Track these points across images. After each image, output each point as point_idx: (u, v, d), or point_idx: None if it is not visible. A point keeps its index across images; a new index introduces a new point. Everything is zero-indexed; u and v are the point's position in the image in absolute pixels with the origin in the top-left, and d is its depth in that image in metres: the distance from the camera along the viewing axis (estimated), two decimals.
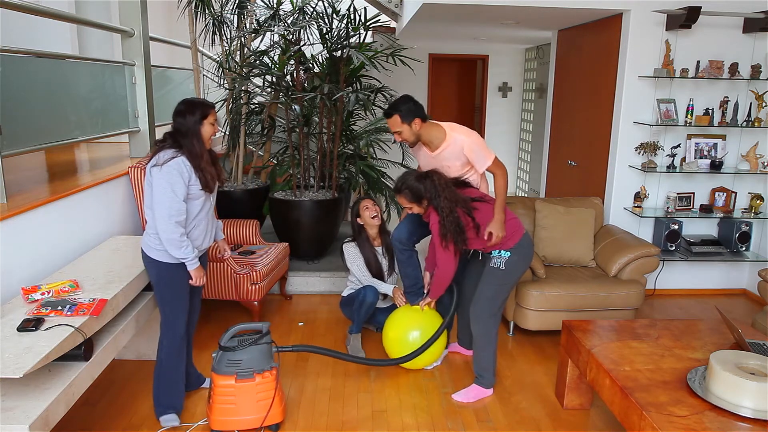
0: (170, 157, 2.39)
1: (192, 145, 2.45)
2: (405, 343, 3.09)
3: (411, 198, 2.82)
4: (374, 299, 3.38)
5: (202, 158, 2.47)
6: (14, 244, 2.47)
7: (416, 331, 3.09)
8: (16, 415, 1.83)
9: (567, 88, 5.36)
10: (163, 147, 2.46)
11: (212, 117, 2.53)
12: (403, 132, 2.90)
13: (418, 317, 3.13)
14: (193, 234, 2.53)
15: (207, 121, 2.50)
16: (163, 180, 2.37)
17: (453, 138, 2.91)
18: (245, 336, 2.63)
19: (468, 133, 2.94)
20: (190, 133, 2.45)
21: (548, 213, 3.91)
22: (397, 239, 3.23)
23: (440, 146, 2.93)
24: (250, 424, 2.54)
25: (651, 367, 2.35)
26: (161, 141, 2.50)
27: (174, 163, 2.38)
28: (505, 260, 2.84)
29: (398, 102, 2.91)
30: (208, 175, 2.48)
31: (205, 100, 2.58)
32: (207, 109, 2.50)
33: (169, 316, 2.58)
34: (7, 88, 2.80)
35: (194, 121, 2.46)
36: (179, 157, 2.41)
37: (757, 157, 4.27)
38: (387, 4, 5.46)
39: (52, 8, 3.27)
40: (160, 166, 2.38)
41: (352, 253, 3.54)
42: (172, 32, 5.55)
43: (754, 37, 4.21)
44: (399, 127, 2.88)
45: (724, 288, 4.66)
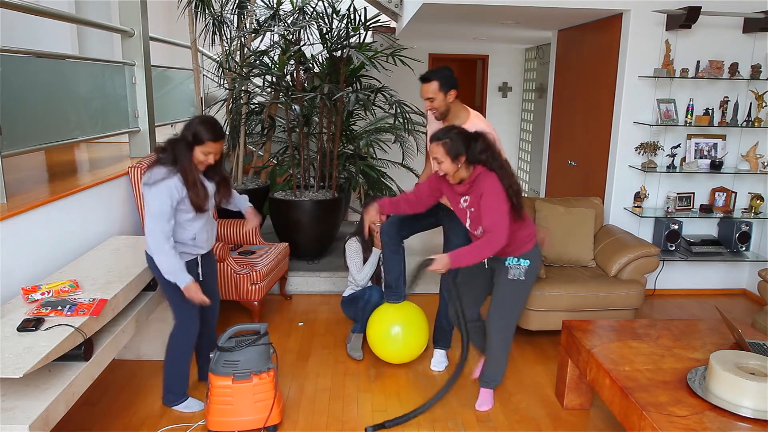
0: (162, 177, 2.36)
1: (183, 165, 2.39)
2: (388, 338, 3.13)
3: (451, 150, 2.41)
4: (380, 299, 3.37)
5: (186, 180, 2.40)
6: (14, 244, 2.47)
7: (398, 326, 3.12)
8: (16, 415, 1.83)
9: (567, 88, 5.35)
10: (159, 161, 2.42)
11: (208, 147, 2.40)
12: (436, 100, 2.78)
13: (399, 313, 3.17)
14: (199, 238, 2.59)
15: (198, 149, 2.41)
16: (152, 201, 2.37)
17: (473, 123, 2.84)
18: (243, 337, 2.64)
19: (488, 125, 2.88)
20: (180, 150, 2.40)
21: (548, 213, 3.91)
22: (386, 233, 3.14)
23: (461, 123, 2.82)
24: (248, 425, 2.54)
25: (651, 367, 2.35)
26: (162, 150, 2.45)
27: (164, 185, 2.36)
28: (524, 269, 2.62)
29: (437, 69, 2.79)
30: (198, 198, 2.44)
31: (216, 126, 2.43)
32: (203, 136, 2.38)
33: (178, 311, 2.63)
34: (7, 88, 2.80)
35: (187, 143, 2.40)
36: (171, 178, 2.37)
37: (757, 157, 4.27)
38: (387, 4, 5.46)
39: (52, 8, 3.27)
40: (150, 185, 2.36)
41: (353, 249, 3.53)
42: (172, 32, 5.55)
43: (754, 37, 4.21)
44: (434, 94, 2.77)
45: (724, 288, 4.66)
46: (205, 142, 2.39)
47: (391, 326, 3.14)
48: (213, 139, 2.40)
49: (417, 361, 3.31)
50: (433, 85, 2.77)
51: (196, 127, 2.39)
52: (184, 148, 2.40)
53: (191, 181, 2.42)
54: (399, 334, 3.13)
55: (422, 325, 3.21)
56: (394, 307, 3.19)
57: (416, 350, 3.23)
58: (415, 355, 3.25)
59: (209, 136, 2.39)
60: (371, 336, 3.22)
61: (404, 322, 3.14)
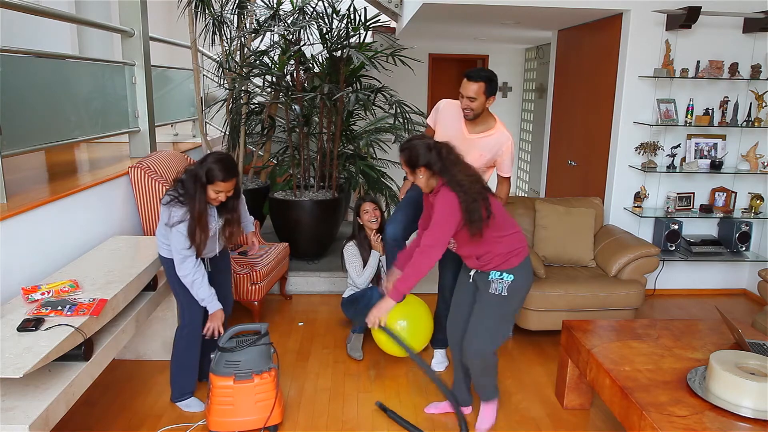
0: (179, 220, 2.45)
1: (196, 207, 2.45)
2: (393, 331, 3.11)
3: (409, 161, 2.37)
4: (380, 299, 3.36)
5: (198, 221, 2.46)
6: (14, 244, 2.47)
7: (403, 321, 3.12)
8: (16, 415, 1.83)
9: (567, 88, 5.36)
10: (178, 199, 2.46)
11: (218, 186, 2.45)
12: (477, 101, 2.70)
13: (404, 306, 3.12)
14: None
15: (210, 188, 2.46)
16: (175, 240, 2.49)
17: (501, 131, 2.82)
18: (244, 337, 2.64)
19: (511, 136, 2.88)
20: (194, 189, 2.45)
21: (548, 213, 3.91)
22: (392, 236, 3.09)
23: (485, 132, 2.81)
24: (249, 425, 2.54)
25: (651, 367, 2.35)
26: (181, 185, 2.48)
27: (182, 227, 2.45)
28: (508, 284, 2.43)
29: (487, 71, 2.73)
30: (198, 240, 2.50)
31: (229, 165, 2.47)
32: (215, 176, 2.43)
33: (184, 305, 2.70)
34: (7, 88, 2.80)
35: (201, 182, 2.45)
36: (187, 220, 2.45)
37: (757, 157, 4.27)
38: (387, 4, 5.46)
39: (52, 8, 3.27)
40: (170, 227, 2.47)
41: (351, 254, 3.54)
42: (172, 32, 5.55)
43: (754, 37, 4.21)
44: (478, 95, 2.69)
45: (724, 288, 4.66)
46: (215, 182, 2.44)
47: (396, 320, 3.11)
48: (223, 179, 2.45)
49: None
50: (480, 86, 2.69)
51: (210, 165, 2.44)
52: (198, 187, 2.45)
53: (202, 223, 2.50)
54: (404, 328, 3.12)
55: (427, 317, 3.21)
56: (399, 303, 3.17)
57: (420, 344, 3.21)
58: (419, 347, 3.22)
59: (220, 176, 2.44)
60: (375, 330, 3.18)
61: (409, 316, 3.13)
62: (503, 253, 2.42)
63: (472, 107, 2.73)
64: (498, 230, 2.40)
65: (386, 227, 3.15)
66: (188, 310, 2.70)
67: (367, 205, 3.52)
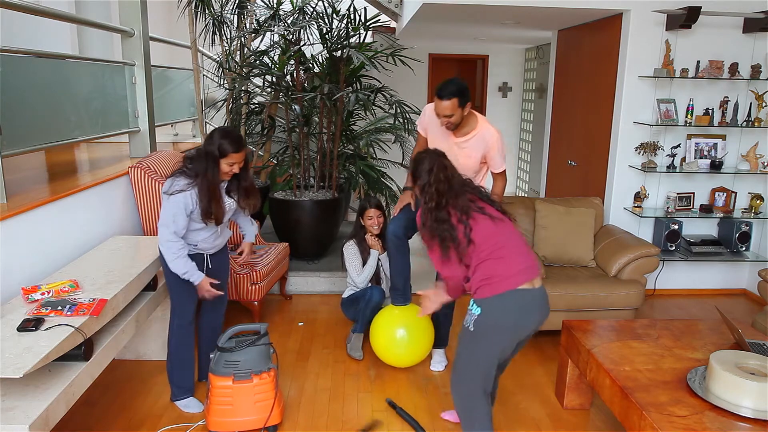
0: (180, 189, 2.46)
1: (210, 180, 2.48)
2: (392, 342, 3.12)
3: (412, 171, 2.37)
4: (381, 299, 3.37)
5: (210, 194, 2.49)
6: (14, 244, 2.47)
7: (402, 329, 3.10)
8: (16, 415, 1.83)
9: (567, 88, 5.35)
10: (184, 171, 2.50)
11: (232, 158, 2.48)
12: (455, 116, 2.71)
13: (404, 316, 3.14)
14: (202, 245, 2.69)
15: (223, 161, 2.49)
16: (167, 209, 2.50)
17: (485, 128, 2.83)
18: (243, 337, 2.64)
19: (497, 130, 2.88)
20: (208, 164, 2.47)
21: (548, 213, 3.91)
22: (393, 233, 3.08)
23: (470, 133, 2.83)
24: (248, 425, 2.54)
25: (651, 367, 2.35)
26: (190, 160, 2.52)
27: (181, 196, 2.46)
28: (474, 318, 2.16)
29: (453, 85, 2.68)
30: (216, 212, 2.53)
31: (237, 137, 2.52)
32: (227, 149, 2.46)
33: (176, 302, 2.71)
34: (7, 88, 2.80)
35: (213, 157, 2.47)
36: (189, 191, 2.47)
37: (757, 157, 4.27)
38: (387, 4, 5.46)
39: (52, 8, 3.27)
40: (168, 195, 2.48)
41: (350, 252, 3.54)
42: (172, 32, 5.55)
43: (754, 37, 4.21)
44: (453, 110, 2.69)
45: (724, 288, 4.66)
46: (228, 155, 2.47)
47: (396, 329, 3.11)
48: (235, 150, 2.49)
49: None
50: (452, 102, 2.69)
51: (219, 140, 2.47)
52: (212, 163, 2.48)
53: (217, 195, 2.53)
54: (404, 337, 3.10)
55: (427, 329, 3.18)
56: (399, 310, 3.17)
57: (420, 355, 3.20)
58: (418, 359, 3.23)
59: (232, 148, 2.47)
60: (375, 338, 3.20)
61: (409, 326, 3.11)
62: (476, 280, 2.17)
63: (451, 122, 2.76)
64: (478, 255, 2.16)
65: (388, 225, 3.14)
66: (180, 305, 2.71)
67: (372, 212, 3.52)
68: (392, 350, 3.15)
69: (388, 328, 3.15)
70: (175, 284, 2.65)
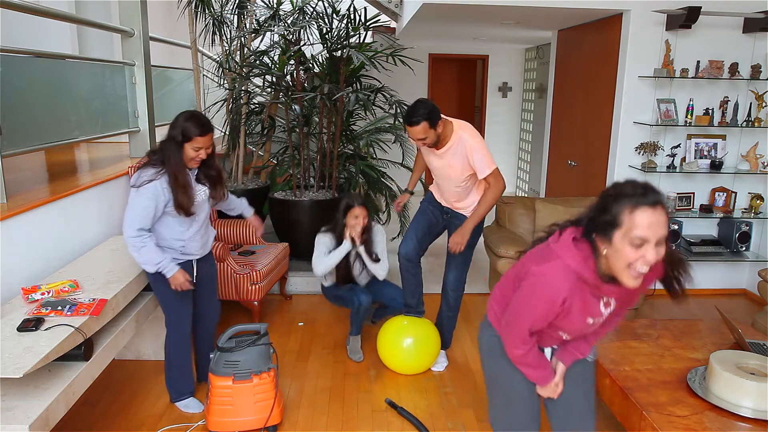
0: (148, 179, 2.34)
1: (172, 165, 2.35)
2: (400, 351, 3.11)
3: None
4: (368, 302, 3.34)
5: (176, 182, 2.36)
6: (14, 244, 2.47)
7: (410, 338, 3.10)
8: (16, 415, 1.83)
9: (567, 88, 5.35)
10: (149, 162, 2.39)
11: (197, 142, 2.34)
12: (428, 137, 2.77)
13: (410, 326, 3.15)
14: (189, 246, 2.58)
15: (188, 146, 2.35)
16: (135, 201, 2.36)
17: (459, 136, 2.84)
18: (243, 337, 2.64)
19: (473, 135, 2.87)
20: (170, 150, 2.36)
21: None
22: (405, 256, 3.10)
23: (446, 144, 2.86)
24: (248, 425, 2.54)
25: (651, 367, 2.35)
26: (153, 152, 2.43)
27: (151, 186, 2.33)
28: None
29: (418, 108, 2.72)
30: (182, 201, 2.39)
31: (203, 120, 2.38)
32: (191, 132, 2.33)
33: (171, 315, 2.65)
34: (7, 88, 2.80)
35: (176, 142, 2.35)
36: (158, 180, 2.34)
37: (757, 157, 4.27)
38: (387, 4, 5.46)
39: (52, 8, 3.27)
40: (137, 187, 2.34)
41: (322, 242, 3.43)
42: (172, 32, 5.55)
43: (754, 37, 4.21)
44: (426, 133, 2.74)
45: (724, 288, 4.66)
46: (192, 138, 2.35)
47: (403, 338, 3.11)
48: (201, 133, 2.35)
49: None
50: (423, 127, 2.72)
51: (183, 123, 2.35)
52: (174, 148, 2.36)
53: (180, 182, 2.38)
54: (411, 347, 3.10)
55: (434, 339, 3.18)
56: (409, 320, 3.18)
57: (426, 364, 3.19)
58: (424, 368, 3.21)
59: (197, 131, 2.34)
60: (382, 346, 3.18)
61: (418, 336, 3.11)
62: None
63: (426, 143, 2.81)
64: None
65: (400, 246, 3.15)
66: (177, 319, 2.65)
67: (358, 211, 3.33)
68: (399, 358, 3.14)
69: (396, 337, 3.13)
70: (168, 298, 2.57)
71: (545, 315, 1.64)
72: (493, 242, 3.72)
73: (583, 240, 1.58)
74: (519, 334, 1.72)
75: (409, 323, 3.17)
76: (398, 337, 3.12)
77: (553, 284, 1.59)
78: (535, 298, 1.63)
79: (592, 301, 1.63)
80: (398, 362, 3.16)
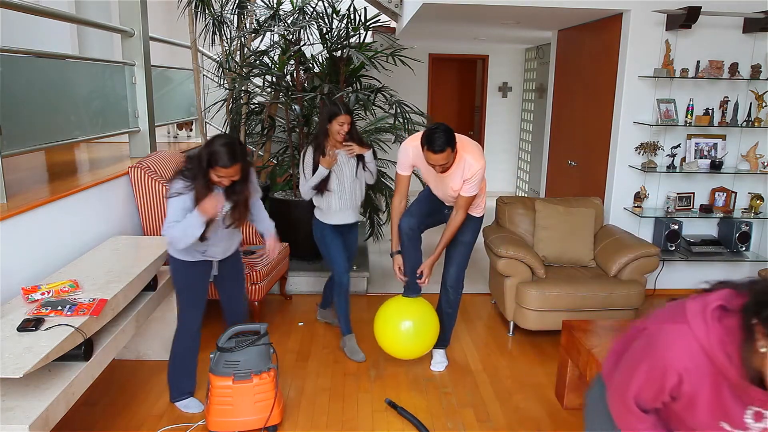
0: (177, 192, 2.41)
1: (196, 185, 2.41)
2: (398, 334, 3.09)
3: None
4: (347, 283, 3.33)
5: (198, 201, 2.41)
6: (14, 244, 2.47)
7: (408, 321, 3.07)
8: (16, 415, 1.83)
9: (567, 88, 5.35)
10: (182, 173, 2.44)
11: (219, 172, 2.37)
12: (448, 162, 2.79)
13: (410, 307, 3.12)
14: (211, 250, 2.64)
15: (212, 171, 2.39)
16: (168, 209, 2.46)
17: (464, 159, 2.87)
18: (243, 337, 2.64)
19: (477, 158, 2.88)
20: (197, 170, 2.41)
21: (548, 213, 3.91)
22: (408, 225, 3.11)
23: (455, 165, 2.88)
24: (248, 425, 2.54)
25: None
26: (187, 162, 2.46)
27: (180, 200, 2.41)
28: None
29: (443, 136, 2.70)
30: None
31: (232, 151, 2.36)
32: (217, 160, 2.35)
33: (182, 308, 2.70)
34: (7, 88, 2.80)
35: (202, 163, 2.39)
36: (185, 194, 2.41)
37: (757, 157, 4.27)
38: (387, 4, 5.46)
39: (52, 8, 3.27)
40: (168, 198, 2.45)
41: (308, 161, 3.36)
42: (172, 32, 5.55)
43: (754, 37, 4.21)
44: (448, 159, 2.76)
45: None
46: (215, 167, 2.38)
47: (402, 321, 3.08)
48: (224, 165, 2.36)
49: (417, 362, 3.30)
50: (448, 153, 2.73)
51: (215, 148, 2.37)
52: (201, 169, 2.40)
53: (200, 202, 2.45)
54: (410, 329, 3.07)
55: (434, 323, 3.15)
56: (408, 301, 3.15)
57: (424, 348, 3.16)
58: (421, 353, 3.18)
59: (221, 162, 2.36)
60: (380, 328, 3.14)
61: (416, 317, 3.09)
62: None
63: (447, 167, 2.84)
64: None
65: (401, 219, 3.13)
66: (187, 312, 2.69)
67: (344, 118, 3.18)
68: (397, 342, 3.10)
69: (394, 318, 3.11)
70: (182, 290, 2.65)
71: (653, 387, 1.32)
72: (493, 242, 3.72)
73: (734, 315, 1.19)
74: (622, 399, 1.41)
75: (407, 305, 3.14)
76: (396, 321, 3.09)
77: (669, 352, 1.25)
78: (645, 361, 1.33)
79: (731, 403, 1.24)
80: (398, 349, 3.13)
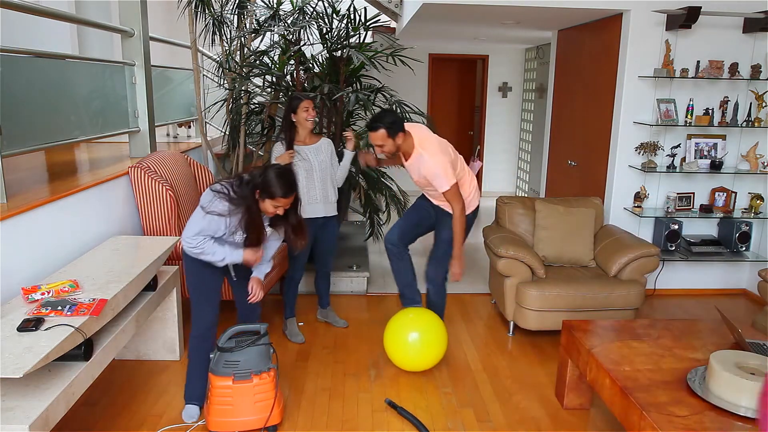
0: (218, 212, 2.40)
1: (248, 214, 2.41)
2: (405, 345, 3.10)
3: None
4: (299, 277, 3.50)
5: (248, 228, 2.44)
6: (14, 244, 2.47)
7: (415, 333, 3.09)
8: (16, 415, 1.83)
9: (567, 88, 5.36)
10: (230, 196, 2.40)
11: (279, 202, 2.40)
12: (386, 145, 3.01)
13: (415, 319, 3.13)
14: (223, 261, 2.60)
15: (269, 201, 2.41)
16: (198, 218, 2.45)
17: (419, 154, 3.05)
18: (243, 337, 2.64)
19: (433, 153, 3.02)
20: (249, 199, 2.41)
21: (548, 213, 3.91)
22: (389, 240, 3.35)
23: (411, 158, 3.10)
24: (248, 425, 2.54)
25: (651, 367, 2.35)
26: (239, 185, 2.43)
27: (219, 220, 2.41)
28: None
29: (382, 116, 3.00)
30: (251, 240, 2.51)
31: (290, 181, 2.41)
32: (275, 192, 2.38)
33: (194, 309, 2.69)
34: (7, 88, 2.80)
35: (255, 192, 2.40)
36: (227, 218, 2.41)
37: (757, 157, 4.27)
38: (387, 4, 5.46)
39: (52, 8, 3.27)
40: (205, 210, 2.41)
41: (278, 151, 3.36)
42: (172, 32, 5.55)
43: (754, 37, 4.21)
44: (383, 140, 2.99)
45: (724, 288, 4.66)
46: (275, 198, 2.40)
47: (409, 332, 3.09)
48: (284, 195, 2.40)
49: None
50: (380, 133, 2.97)
51: (271, 180, 2.39)
52: (254, 198, 2.41)
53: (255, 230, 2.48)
54: (416, 340, 3.07)
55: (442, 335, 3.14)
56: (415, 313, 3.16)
57: (435, 357, 3.15)
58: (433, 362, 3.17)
59: (281, 192, 2.39)
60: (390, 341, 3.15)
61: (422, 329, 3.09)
62: None
63: (384, 151, 3.06)
64: None
65: (386, 236, 3.35)
66: (200, 316, 2.67)
67: (307, 103, 3.27)
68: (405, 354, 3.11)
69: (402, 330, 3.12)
70: (196, 287, 2.64)
71: None
72: (493, 242, 3.72)
73: None
74: None
75: (414, 316, 3.15)
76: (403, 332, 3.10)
77: None
78: None
79: None
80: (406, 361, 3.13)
